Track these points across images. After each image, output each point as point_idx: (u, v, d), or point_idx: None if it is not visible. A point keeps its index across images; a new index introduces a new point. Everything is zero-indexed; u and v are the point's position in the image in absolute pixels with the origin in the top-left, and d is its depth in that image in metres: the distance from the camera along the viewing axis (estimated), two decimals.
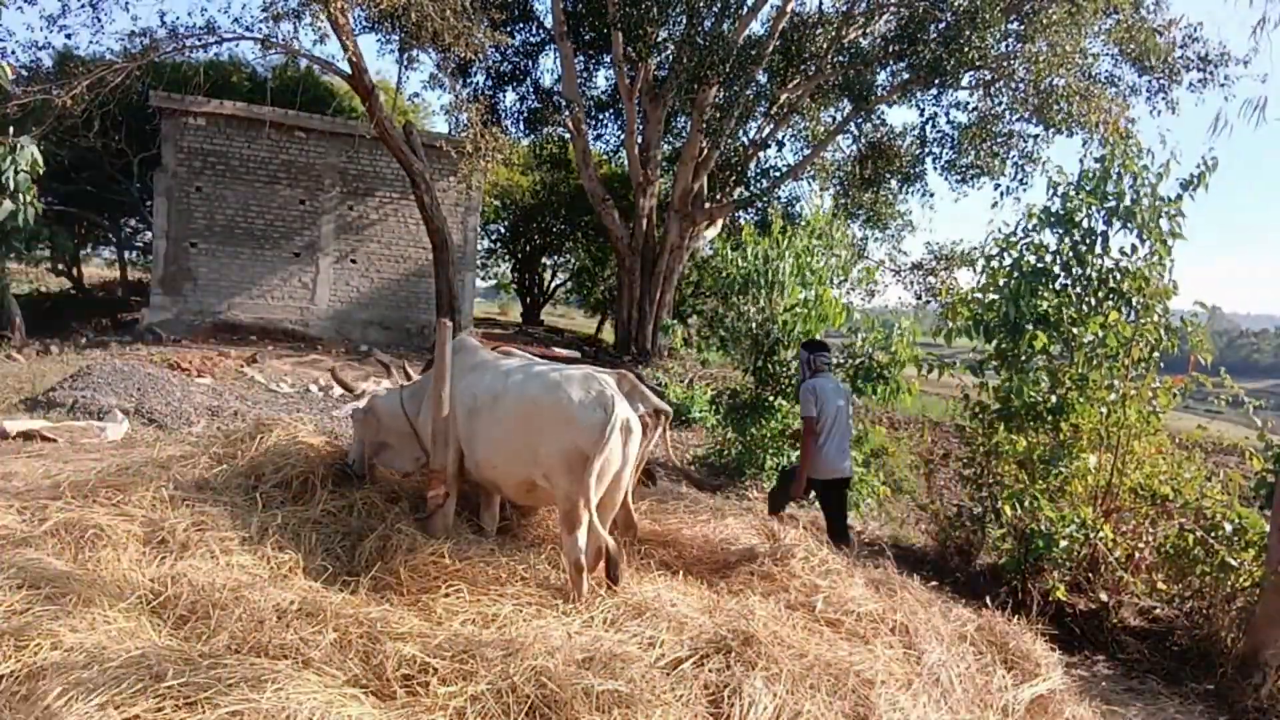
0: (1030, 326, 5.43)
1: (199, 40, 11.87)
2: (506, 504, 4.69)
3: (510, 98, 18.98)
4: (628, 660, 2.83)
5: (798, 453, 7.71)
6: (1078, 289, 5.58)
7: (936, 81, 14.44)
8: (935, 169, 17.17)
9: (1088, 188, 5.49)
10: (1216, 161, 5.30)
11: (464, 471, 4.24)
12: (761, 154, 19.30)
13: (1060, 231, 5.61)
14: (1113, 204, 5.43)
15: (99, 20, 12.01)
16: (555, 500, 3.89)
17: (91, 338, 13.49)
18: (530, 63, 18.71)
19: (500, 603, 3.37)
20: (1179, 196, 5.36)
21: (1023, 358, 5.58)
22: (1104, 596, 5.08)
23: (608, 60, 17.73)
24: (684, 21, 15.31)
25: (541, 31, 18.19)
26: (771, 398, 7.82)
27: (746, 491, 7.31)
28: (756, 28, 16.49)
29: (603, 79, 20.12)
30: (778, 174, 19.10)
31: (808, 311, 7.65)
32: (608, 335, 22.67)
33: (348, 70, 12.11)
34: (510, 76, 18.62)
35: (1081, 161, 5.65)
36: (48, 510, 3.62)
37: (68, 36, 13.09)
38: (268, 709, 2.30)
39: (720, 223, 18.27)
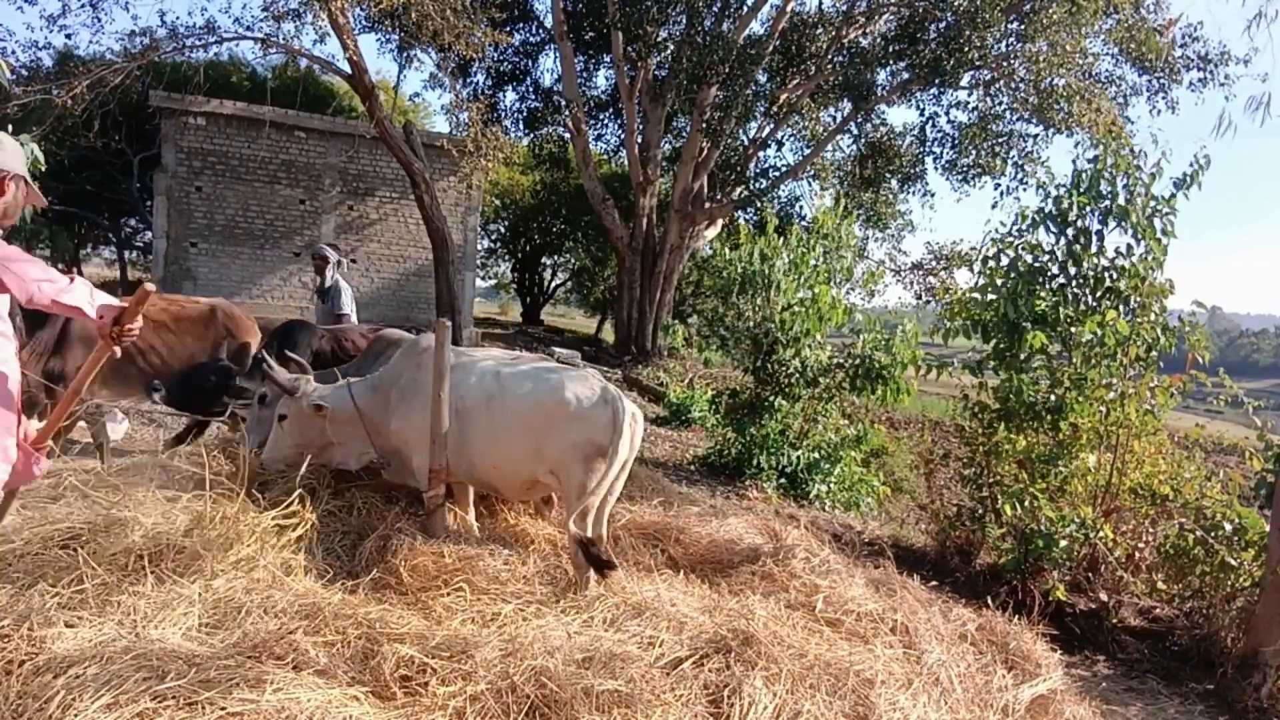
0: (1028, 326, 5.44)
1: (199, 40, 11.87)
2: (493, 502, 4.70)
3: (510, 97, 19.02)
4: (628, 660, 2.83)
5: (797, 451, 7.74)
6: (1074, 288, 5.59)
7: (936, 81, 14.45)
8: (936, 169, 17.20)
9: (1082, 188, 5.50)
10: (1209, 160, 5.31)
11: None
12: (761, 154, 19.32)
13: (1055, 231, 5.62)
14: (1106, 204, 5.44)
15: (99, 20, 12.00)
16: (561, 494, 3.96)
17: None
18: (530, 62, 18.73)
19: (500, 603, 3.38)
20: (1173, 195, 5.37)
21: (1021, 357, 5.59)
22: (1104, 596, 5.08)
23: (608, 60, 17.74)
24: (684, 21, 15.31)
25: (541, 31, 18.20)
26: (771, 397, 7.82)
27: (747, 491, 7.31)
28: (756, 28, 16.50)
29: (603, 79, 20.15)
30: (778, 174, 19.11)
31: (805, 311, 7.66)
32: (608, 335, 22.67)
33: (348, 70, 12.10)
34: (510, 76, 18.63)
35: (1075, 162, 5.66)
36: (49, 511, 3.62)
37: (68, 36, 13.05)
38: (268, 710, 2.30)
39: (720, 223, 18.28)
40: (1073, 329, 5.41)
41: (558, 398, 3.91)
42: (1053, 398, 5.41)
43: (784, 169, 19.28)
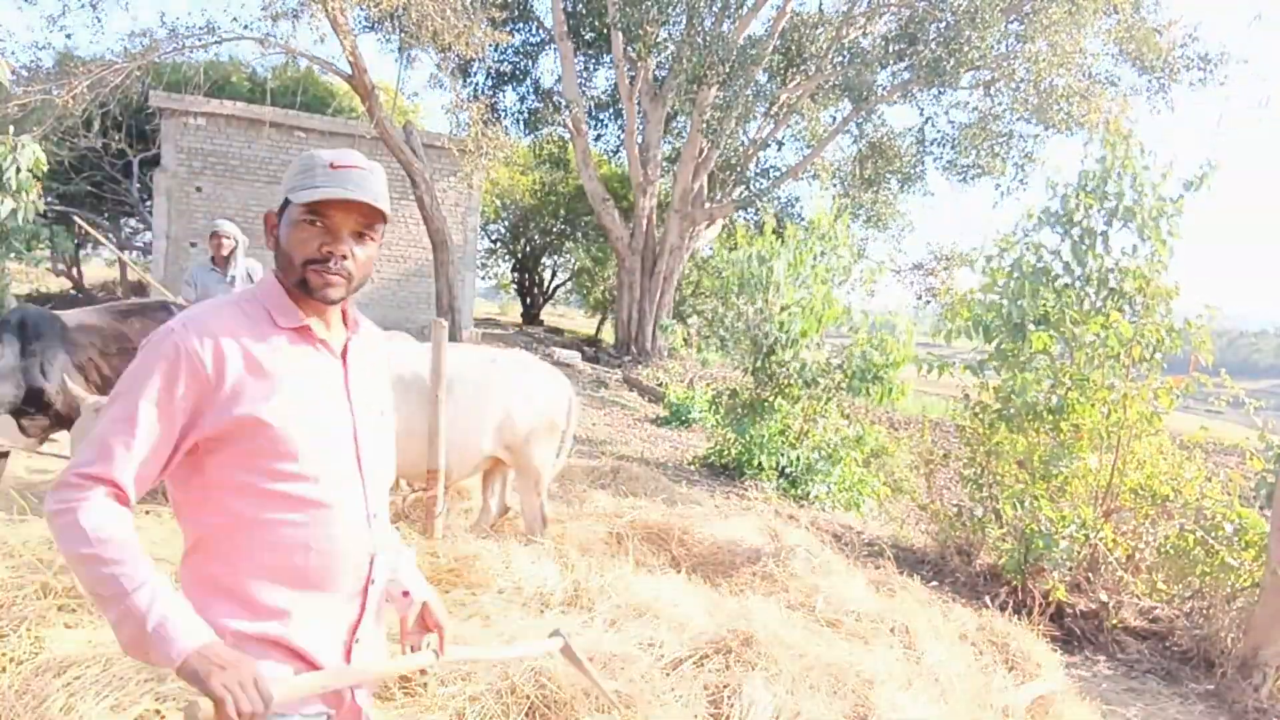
0: (1031, 326, 5.43)
1: (199, 40, 11.86)
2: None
3: (510, 98, 19.01)
4: (628, 661, 2.83)
5: (797, 452, 7.74)
6: (1078, 288, 5.58)
7: (937, 81, 14.44)
8: (936, 169, 17.19)
9: (1088, 188, 5.49)
10: (1219, 163, 5.30)
11: None
12: (761, 154, 19.30)
13: (1060, 231, 5.61)
14: (1112, 204, 5.43)
15: (99, 20, 12.00)
16: (518, 468, 4.27)
17: None
18: (530, 63, 18.72)
19: (498, 602, 3.37)
20: (1180, 197, 5.35)
21: (1023, 358, 5.58)
22: (1104, 596, 5.08)
23: (608, 60, 17.73)
24: (684, 21, 15.30)
25: (541, 31, 18.19)
26: (771, 398, 7.82)
27: (746, 492, 7.31)
28: (756, 28, 16.49)
29: (603, 79, 20.14)
30: (778, 174, 19.11)
31: (804, 311, 7.67)
32: (608, 335, 22.66)
33: (347, 70, 12.10)
34: (510, 76, 18.63)
35: (1082, 161, 5.65)
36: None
37: (68, 36, 13.09)
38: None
39: (720, 223, 18.27)
40: (1076, 330, 5.40)
41: (528, 378, 4.26)
42: (1054, 398, 5.41)
43: (784, 169, 19.27)
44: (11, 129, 6.67)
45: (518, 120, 18.82)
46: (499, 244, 25.62)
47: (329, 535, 1.41)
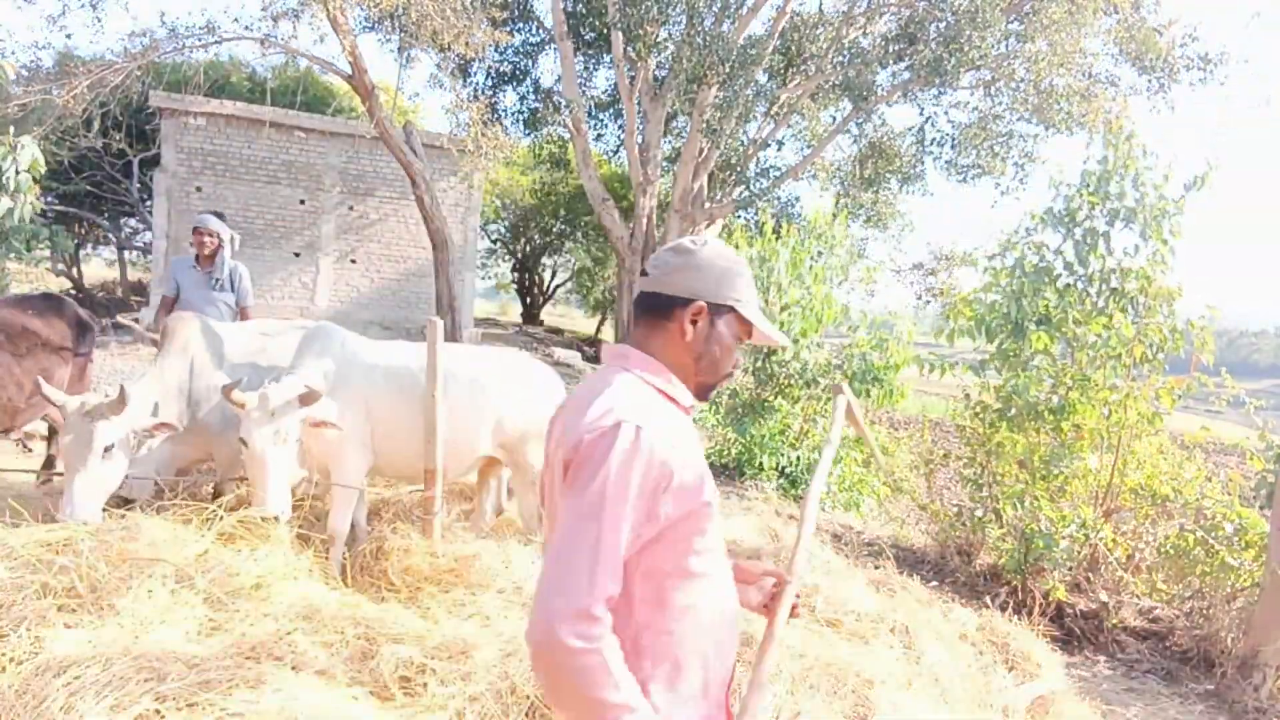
0: (1033, 326, 5.43)
1: (199, 40, 11.86)
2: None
3: (510, 98, 19.01)
4: None
5: (797, 452, 7.74)
6: (1080, 288, 5.58)
7: (937, 81, 14.44)
8: (936, 169, 17.19)
9: (1090, 188, 5.49)
10: (1218, 163, 5.30)
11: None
12: (761, 154, 19.30)
13: (1062, 231, 5.61)
14: (1114, 204, 5.43)
15: (99, 20, 11.99)
16: (520, 468, 4.24)
17: None
18: (530, 62, 18.72)
19: (498, 602, 3.37)
20: (1181, 197, 5.35)
21: (1024, 358, 5.58)
22: (1104, 596, 5.08)
23: (608, 60, 17.73)
24: (684, 21, 15.31)
25: (541, 31, 18.19)
26: (771, 398, 7.82)
27: (746, 491, 7.31)
28: (756, 28, 16.49)
29: (603, 79, 20.14)
30: (778, 174, 19.11)
31: (803, 311, 7.67)
32: (608, 335, 22.68)
33: (347, 70, 12.10)
34: (510, 76, 18.63)
35: (1085, 162, 5.65)
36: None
37: (68, 36, 13.12)
38: (268, 710, 2.30)
39: (720, 222, 18.27)
40: (1078, 330, 5.40)
41: (533, 373, 4.23)
42: (1055, 398, 5.40)
43: (784, 169, 19.27)
44: (12, 129, 6.68)
45: (518, 120, 18.83)
46: (499, 244, 25.65)
47: (731, 604, 1.46)
